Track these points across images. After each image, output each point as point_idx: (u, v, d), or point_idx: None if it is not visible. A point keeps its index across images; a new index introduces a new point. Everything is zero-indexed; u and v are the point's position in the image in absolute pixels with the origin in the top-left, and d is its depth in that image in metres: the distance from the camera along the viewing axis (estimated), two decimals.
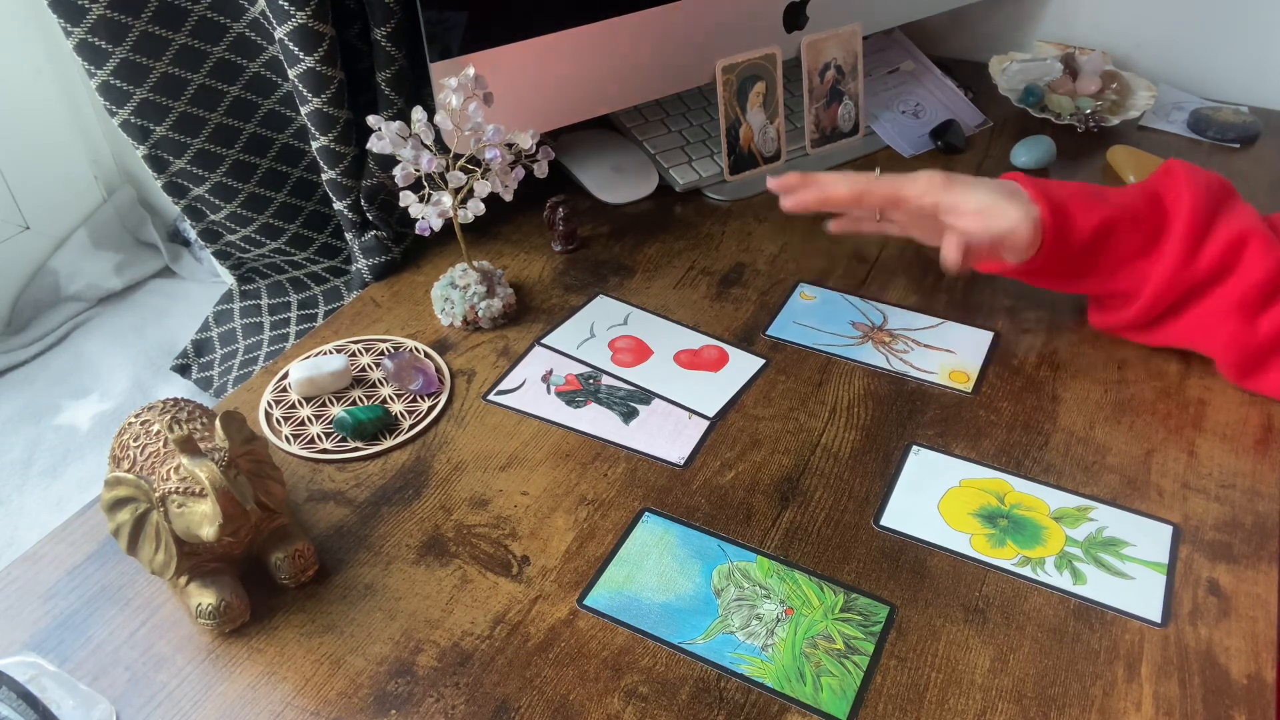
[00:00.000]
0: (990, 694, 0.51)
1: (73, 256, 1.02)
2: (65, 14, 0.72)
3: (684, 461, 0.66)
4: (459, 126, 0.71)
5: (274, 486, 0.56)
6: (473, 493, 0.64)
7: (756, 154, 0.96)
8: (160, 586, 0.58)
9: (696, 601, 0.56)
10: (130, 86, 0.76)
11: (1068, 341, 0.75)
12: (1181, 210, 0.67)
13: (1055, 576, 0.57)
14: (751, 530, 0.61)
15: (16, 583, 0.59)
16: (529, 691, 0.52)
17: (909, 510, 0.62)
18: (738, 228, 0.90)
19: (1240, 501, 0.62)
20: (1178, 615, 0.55)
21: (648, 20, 0.87)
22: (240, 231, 0.87)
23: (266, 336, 0.88)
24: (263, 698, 0.52)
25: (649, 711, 0.51)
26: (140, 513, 0.53)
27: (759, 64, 0.92)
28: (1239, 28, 1.07)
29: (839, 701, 0.51)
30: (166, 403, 0.58)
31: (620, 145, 0.98)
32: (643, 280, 0.83)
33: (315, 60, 0.74)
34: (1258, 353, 0.66)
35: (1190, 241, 0.66)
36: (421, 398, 0.71)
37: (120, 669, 0.54)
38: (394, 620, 0.56)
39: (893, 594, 0.57)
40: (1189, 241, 0.66)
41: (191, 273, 1.06)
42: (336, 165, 0.79)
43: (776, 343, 0.76)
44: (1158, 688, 0.51)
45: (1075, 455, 0.65)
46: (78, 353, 0.96)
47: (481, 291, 0.77)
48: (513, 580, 0.58)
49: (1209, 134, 1.01)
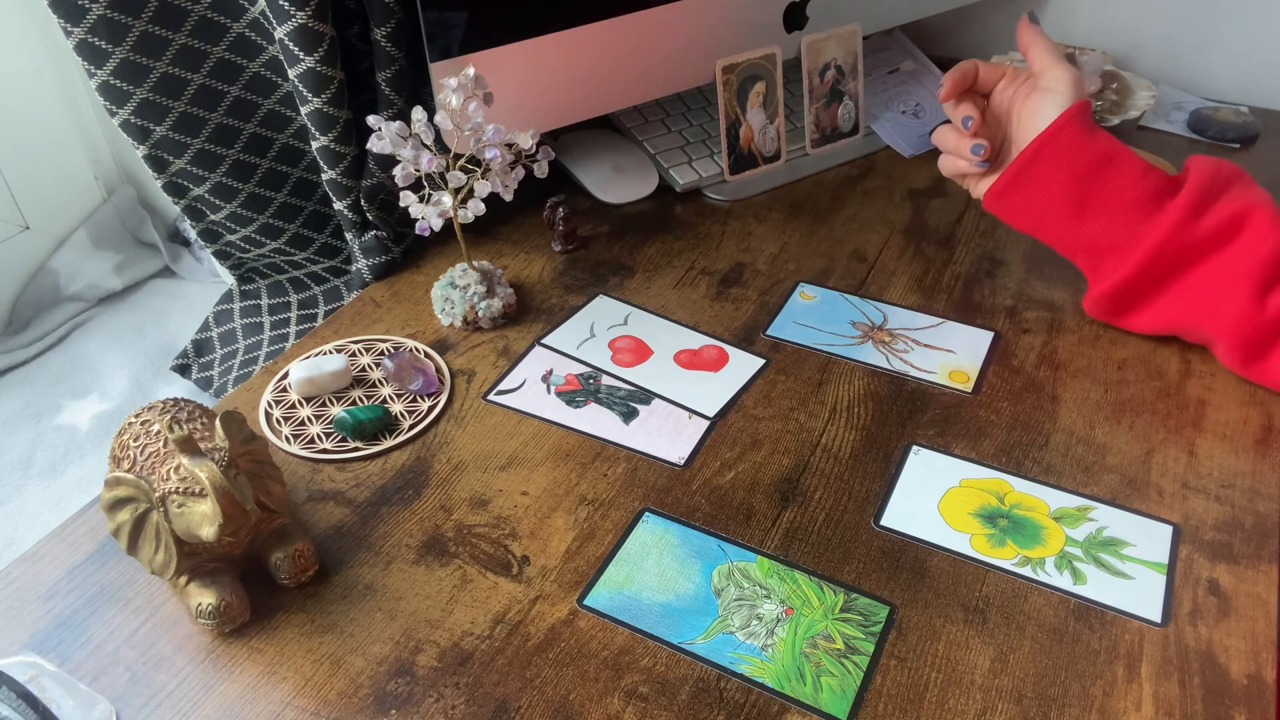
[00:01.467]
0: (990, 694, 0.51)
1: (73, 256, 1.02)
2: (65, 14, 0.72)
3: (684, 461, 0.66)
4: (459, 126, 0.71)
5: (274, 486, 0.56)
6: (473, 493, 0.64)
7: (756, 154, 0.96)
8: (160, 586, 0.58)
9: (696, 601, 0.56)
10: (130, 86, 0.76)
11: (1068, 341, 0.75)
12: (1189, 177, 0.68)
13: (1055, 576, 0.57)
14: (751, 530, 0.61)
15: (16, 583, 0.59)
16: (529, 691, 0.52)
17: (909, 510, 0.62)
18: (738, 228, 0.90)
19: (1240, 501, 0.62)
20: (1178, 615, 0.55)
21: (648, 20, 0.87)
22: (240, 231, 0.87)
23: (266, 336, 0.88)
24: (263, 698, 0.52)
25: (649, 711, 0.51)
26: (140, 513, 0.53)
27: (759, 64, 0.92)
28: (1239, 28, 1.07)
29: (839, 701, 0.51)
30: (166, 403, 0.58)
31: (620, 145, 0.98)
32: (643, 280, 0.83)
33: (315, 60, 0.74)
34: (1264, 334, 0.66)
35: (1195, 200, 0.66)
36: (421, 398, 0.71)
37: (120, 669, 0.54)
38: (394, 620, 0.56)
39: (893, 594, 0.57)
40: (1193, 201, 0.66)
41: (191, 273, 1.06)
42: (336, 165, 0.79)
43: (776, 343, 0.76)
44: (1158, 688, 0.51)
45: (1075, 455, 0.65)
46: (78, 353, 0.96)
47: (481, 291, 0.77)
48: (513, 580, 0.58)
49: (1209, 134, 1.01)
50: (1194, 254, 0.67)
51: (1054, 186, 0.70)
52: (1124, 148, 0.69)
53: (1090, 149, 0.68)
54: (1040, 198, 0.71)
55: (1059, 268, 0.81)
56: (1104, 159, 0.68)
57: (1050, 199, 0.71)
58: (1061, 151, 0.69)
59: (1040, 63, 0.71)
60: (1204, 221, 0.66)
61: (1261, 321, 0.65)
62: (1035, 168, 0.70)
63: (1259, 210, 0.66)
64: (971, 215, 0.90)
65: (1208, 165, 0.69)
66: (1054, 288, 0.80)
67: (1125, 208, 0.68)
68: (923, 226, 0.89)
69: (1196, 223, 0.67)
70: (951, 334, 0.76)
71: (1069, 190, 0.70)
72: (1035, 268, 0.83)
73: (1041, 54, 0.71)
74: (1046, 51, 0.71)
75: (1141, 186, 0.68)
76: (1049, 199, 0.71)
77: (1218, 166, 0.69)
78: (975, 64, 0.74)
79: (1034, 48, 0.72)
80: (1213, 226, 0.66)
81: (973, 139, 0.73)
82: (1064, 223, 0.71)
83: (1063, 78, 0.70)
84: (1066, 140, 0.69)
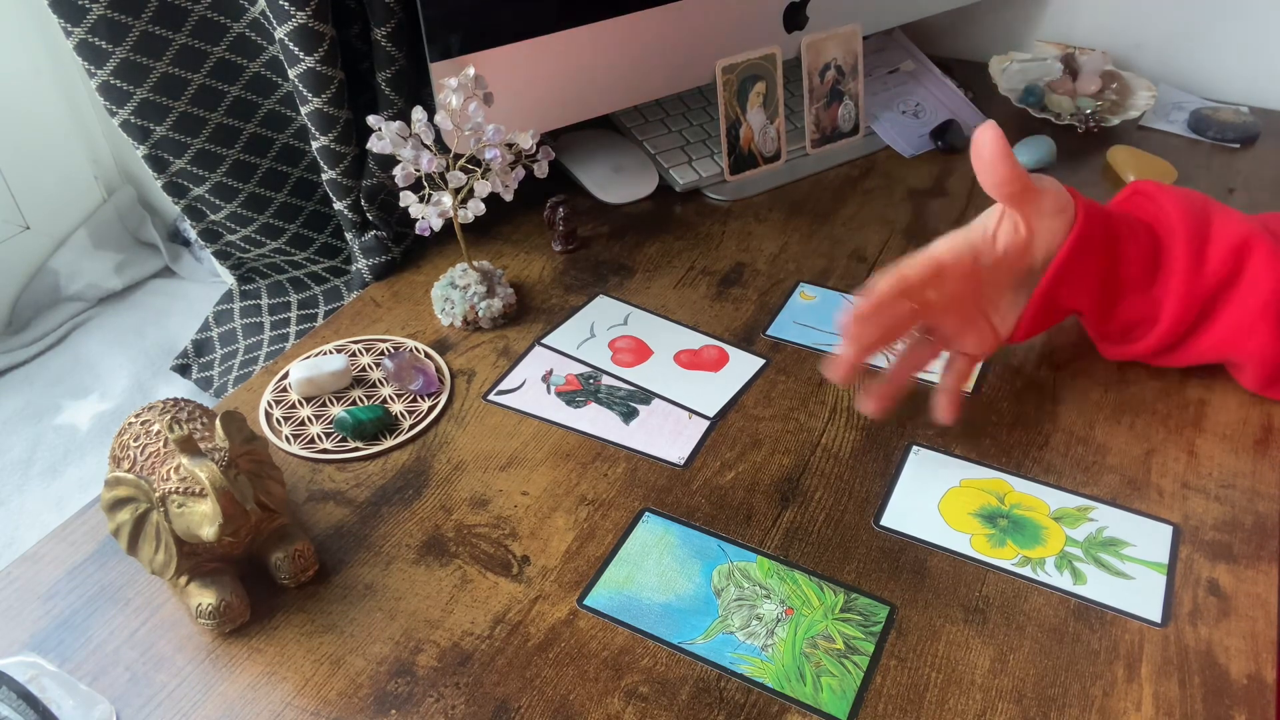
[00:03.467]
0: (990, 694, 0.51)
1: (73, 256, 1.02)
2: (65, 14, 0.72)
3: (684, 461, 0.66)
4: (459, 126, 0.71)
5: (274, 486, 0.56)
6: (473, 493, 0.64)
7: (756, 154, 0.96)
8: (160, 586, 0.58)
9: (696, 601, 0.56)
10: (130, 86, 0.76)
11: (1068, 341, 0.75)
12: (1173, 223, 0.65)
13: (1055, 576, 0.57)
14: (751, 530, 0.61)
15: (16, 583, 0.59)
16: (529, 691, 0.52)
17: (909, 510, 0.62)
18: (738, 228, 0.90)
19: (1240, 501, 0.62)
20: (1178, 615, 0.55)
21: (648, 20, 0.87)
22: (240, 231, 0.87)
23: (266, 336, 0.88)
24: (263, 698, 0.52)
25: (649, 711, 0.51)
26: (140, 513, 0.53)
27: (759, 64, 0.92)
28: (1239, 28, 1.07)
29: (839, 702, 0.51)
30: (166, 403, 0.58)
31: (620, 145, 0.98)
32: (643, 280, 0.83)
33: (315, 60, 0.74)
34: None
35: (1193, 249, 0.64)
36: (421, 398, 0.71)
37: (120, 669, 0.54)
38: (394, 620, 0.56)
39: (893, 594, 0.57)
40: (1192, 249, 0.64)
41: (191, 273, 1.06)
42: (336, 165, 0.79)
43: (776, 343, 0.76)
44: (1158, 688, 0.51)
45: (1075, 455, 0.65)
46: (78, 353, 0.96)
47: (481, 291, 0.77)
48: (513, 580, 0.58)
49: (1209, 134, 1.01)
50: (1209, 305, 0.65)
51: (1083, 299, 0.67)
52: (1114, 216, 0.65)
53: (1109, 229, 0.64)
54: (1071, 309, 0.68)
55: None
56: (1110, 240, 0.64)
57: (1082, 306, 0.68)
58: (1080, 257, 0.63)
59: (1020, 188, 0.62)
60: (1208, 268, 0.64)
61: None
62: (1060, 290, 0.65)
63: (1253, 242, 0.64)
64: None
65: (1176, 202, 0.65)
66: None
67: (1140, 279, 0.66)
68: (923, 226, 0.89)
69: (1202, 271, 0.64)
70: None
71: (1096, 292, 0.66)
72: None
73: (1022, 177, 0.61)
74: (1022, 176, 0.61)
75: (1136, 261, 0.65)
76: (1081, 307, 0.68)
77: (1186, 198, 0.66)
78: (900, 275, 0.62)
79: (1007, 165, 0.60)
80: (1217, 271, 0.64)
81: None
82: (1095, 319, 0.69)
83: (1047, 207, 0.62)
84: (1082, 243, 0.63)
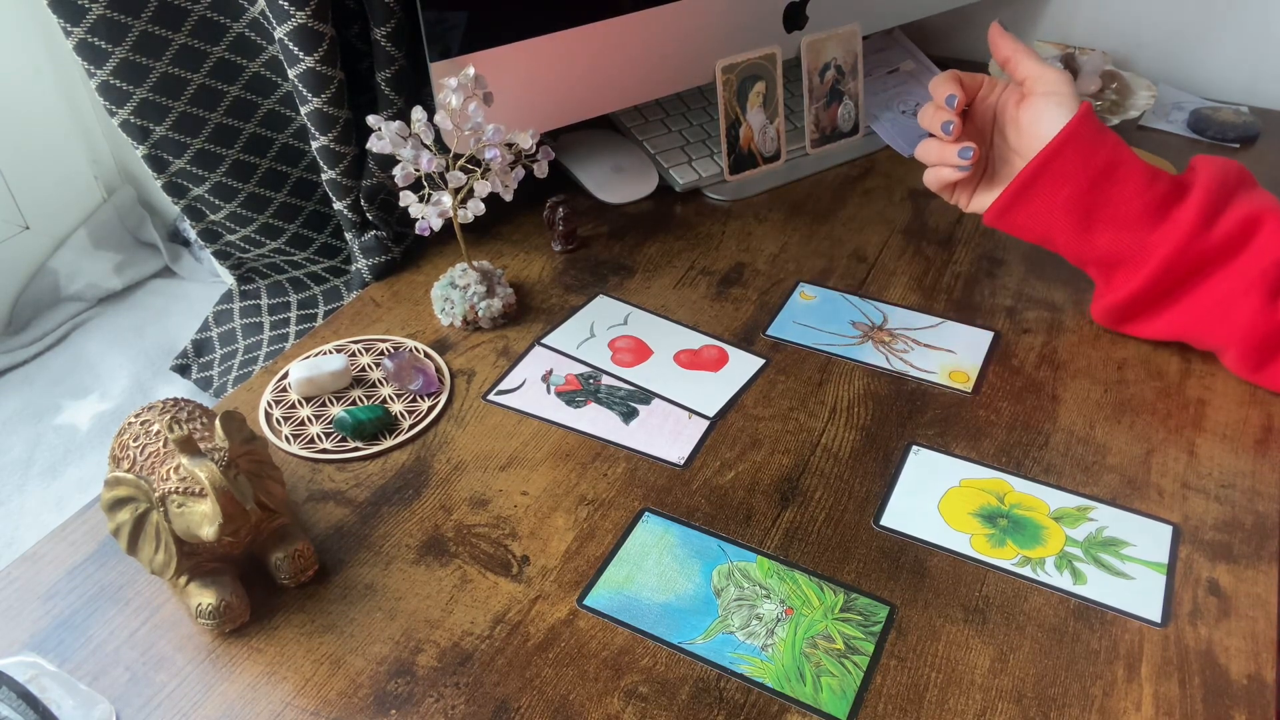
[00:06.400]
0: (990, 694, 0.51)
1: (73, 256, 1.02)
2: (65, 14, 0.72)
3: (684, 461, 0.66)
4: (459, 126, 0.71)
5: (274, 486, 0.56)
6: (473, 493, 0.64)
7: (756, 154, 0.96)
8: (160, 586, 0.58)
9: (696, 601, 0.56)
10: (130, 86, 0.76)
11: (1068, 341, 0.75)
12: (1197, 182, 0.67)
13: (1055, 576, 0.57)
14: (751, 530, 0.61)
15: (16, 583, 0.59)
16: (529, 691, 0.52)
17: (909, 510, 0.62)
18: (738, 228, 0.90)
19: (1240, 501, 0.62)
20: (1178, 615, 0.55)
21: (648, 20, 0.87)
22: (240, 231, 0.87)
23: (266, 336, 0.88)
24: (263, 698, 0.52)
25: (649, 711, 0.51)
26: (140, 513, 0.53)
27: (759, 64, 0.92)
28: (1239, 28, 1.07)
29: (839, 701, 0.51)
30: (166, 403, 0.58)
31: (620, 145, 0.98)
32: (643, 280, 0.83)
33: (315, 60, 0.74)
34: (1276, 338, 0.65)
35: (1205, 208, 0.65)
36: (421, 398, 0.71)
37: (120, 669, 0.54)
38: (394, 620, 0.56)
39: (893, 594, 0.57)
40: (1204, 209, 0.65)
41: (191, 273, 1.06)
42: (336, 165, 0.79)
43: (776, 342, 0.76)
44: (1158, 688, 0.51)
45: (1075, 455, 0.65)
46: (78, 353, 0.96)
47: (481, 291, 0.77)
48: (513, 580, 0.58)
49: (1209, 134, 1.01)
50: (1206, 263, 0.67)
51: (1060, 200, 0.68)
52: (1129, 152, 0.68)
53: (1098, 156, 0.66)
54: (1046, 211, 0.69)
55: (1059, 268, 0.80)
56: (1110, 166, 0.67)
57: (1056, 212, 0.69)
58: (1069, 162, 0.67)
59: (1028, 68, 0.70)
60: (1215, 230, 0.65)
61: (1273, 326, 0.65)
62: (1042, 180, 0.68)
63: (1269, 215, 0.65)
64: (972, 215, 0.90)
65: (1215, 168, 0.68)
66: (1054, 288, 0.80)
67: (1134, 218, 0.67)
68: (923, 226, 0.89)
69: (1208, 232, 0.65)
70: (951, 334, 0.76)
71: (1076, 203, 0.68)
72: (1035, 268, 0.83)
73: (1027, 59, 0.70)
74: (1031, 56, 0.70)
75: (1149, 195, 0.67)
76: (1055, 212, 0.69)
77: (1225, 169, 0.68)
78: (955, 73, 0.72)
79: (1017, 54, 0.70)
80: (1224, 235, 0.65)
81: (957, 144, 0.71)
82: (1072, 236, 0.69)
83: (1060, 79, 0.68)
84: (1077, 148, 0.67)
